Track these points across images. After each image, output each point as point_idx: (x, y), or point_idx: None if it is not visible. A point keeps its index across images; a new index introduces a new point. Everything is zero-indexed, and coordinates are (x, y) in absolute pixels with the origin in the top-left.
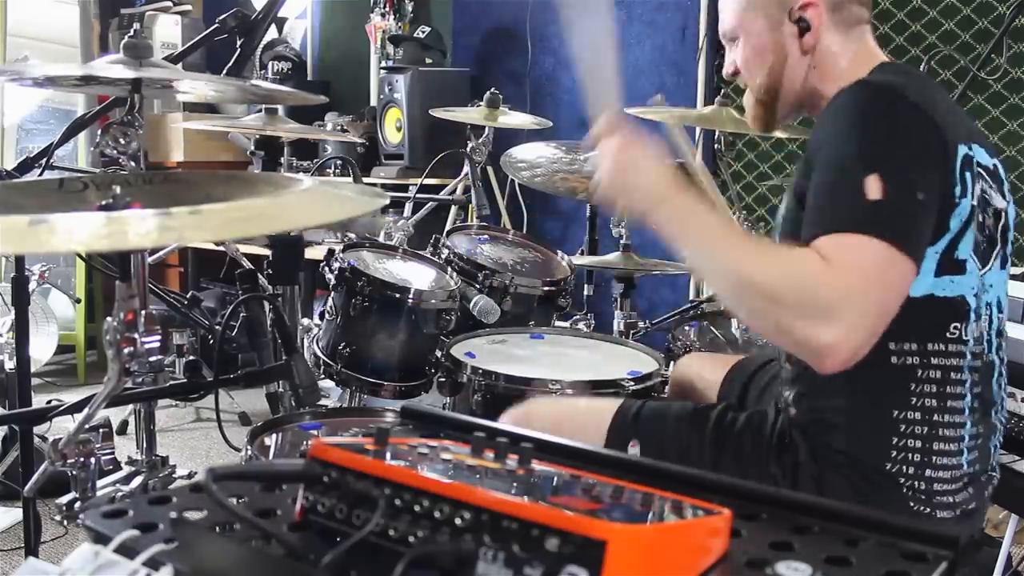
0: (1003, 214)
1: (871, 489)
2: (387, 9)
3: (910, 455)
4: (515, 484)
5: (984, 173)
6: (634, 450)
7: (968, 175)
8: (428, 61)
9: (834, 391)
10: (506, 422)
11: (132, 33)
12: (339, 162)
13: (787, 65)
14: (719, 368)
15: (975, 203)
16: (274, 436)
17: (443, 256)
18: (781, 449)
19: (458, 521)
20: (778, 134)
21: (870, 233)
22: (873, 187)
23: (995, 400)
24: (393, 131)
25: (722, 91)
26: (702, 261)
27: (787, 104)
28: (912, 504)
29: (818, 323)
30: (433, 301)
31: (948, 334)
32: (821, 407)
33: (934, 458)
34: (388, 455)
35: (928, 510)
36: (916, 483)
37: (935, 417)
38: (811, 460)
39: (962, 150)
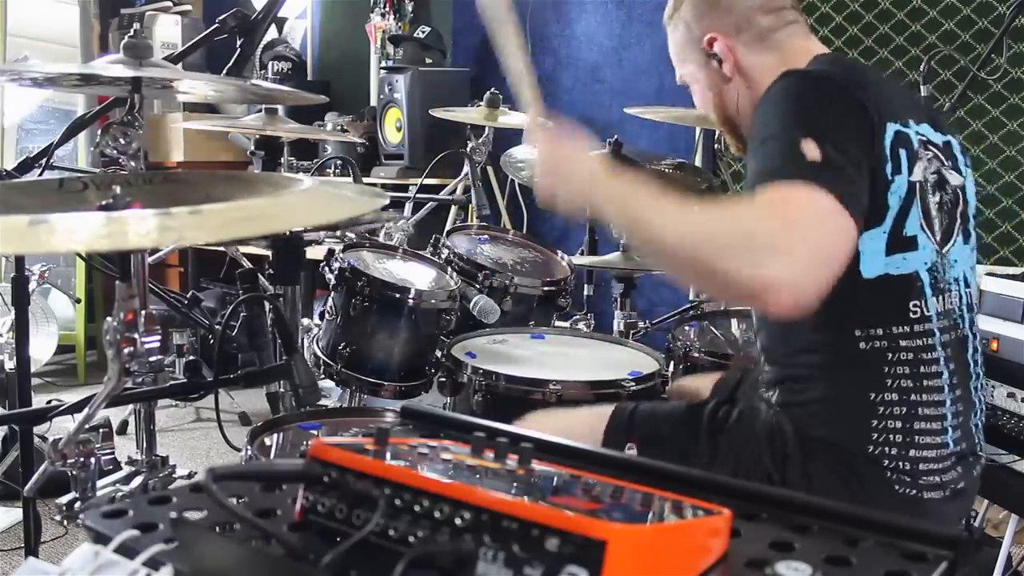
0: (960, 190)
1: (855, 476)
2: (387, 9)
3: (891, 436)
4: (515, 484)
5: (935, 150)
6: (631, 452)
7: (903, 152)
8: (428, 61)
9: (812, 382)
10: None
11: (132, 33)
12: (339, 162)
13: (725, 95)
14: (710, 379)
15: (916, 180)
16: (274, 436)
17: (443, 256)
18: (771, 440)
19: (458, 521)
20: None
21: (811, 182)
22: (810, 149)
23: (971, 375)
24: (393, 131)
25: None
26: (643, 233)
27: (747, 126)
28: (898, 487)
29: (761, 260)
30: (433, 301)
31: (911, 314)
32: (802, 400)
33: (917, 437)
34: (388, 455)
35: (915, 492)
36: (900, 463)
37: (913, 396)
38: (798, 450)
39: (892, 128)
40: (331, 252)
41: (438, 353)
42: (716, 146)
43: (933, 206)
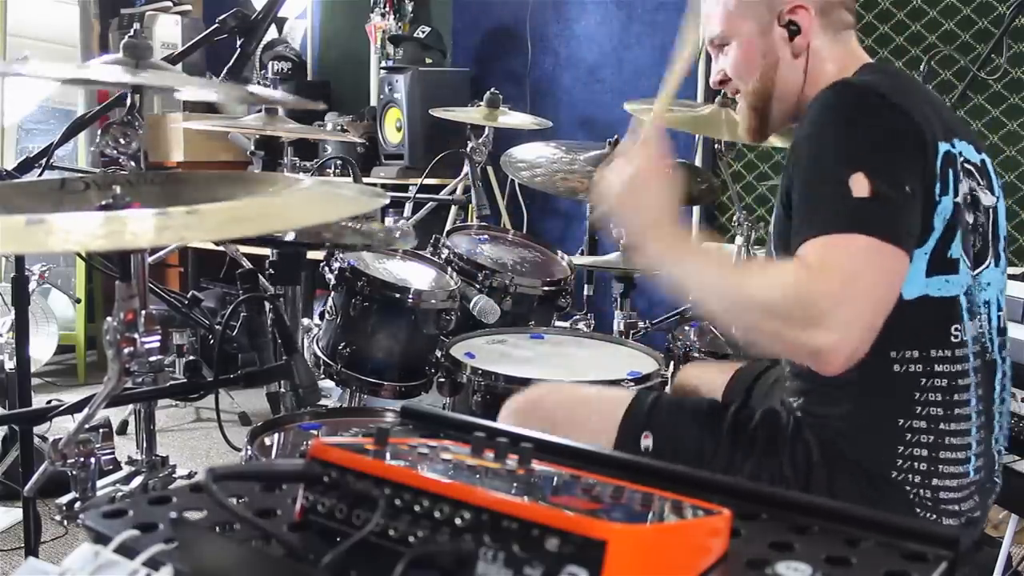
0: (992, 211)
1: (879, 495)
2: (387, 9)
3: (916, 464)
4: (515, 484)
5: (973, 170)
6: (647, 442)
7: (950, 172)
8: (428, 61)
9: (839, 399)
10: (514, 408)
11: (132, 33)
12: (339, 162)
13: (778, 69)
14: (722, 373)
15: (960, 201)
16: (274, 436)
17: (443, 256)
18: (795, 449)
19: (458, 521)
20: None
21: (855, 231)
22: (859, 185)
23: (995, 400)
24: (393, 131)
25: (722, 92)
26: (693, 284)
27: (781, 110)
28: (919, 511)
29: (811, 329)
30: (433, 301)
31: (951, 338)
32: (827, 414)
33: (941, 467)
34: (388, 455)
35: (934, 516)
36: (922, 491)
37: (942, 426)
38: (823, 462)
39: (943, 148)
40: (331, 252)
41: (438, 353)
42: (716, 146)
43: (969, 227)
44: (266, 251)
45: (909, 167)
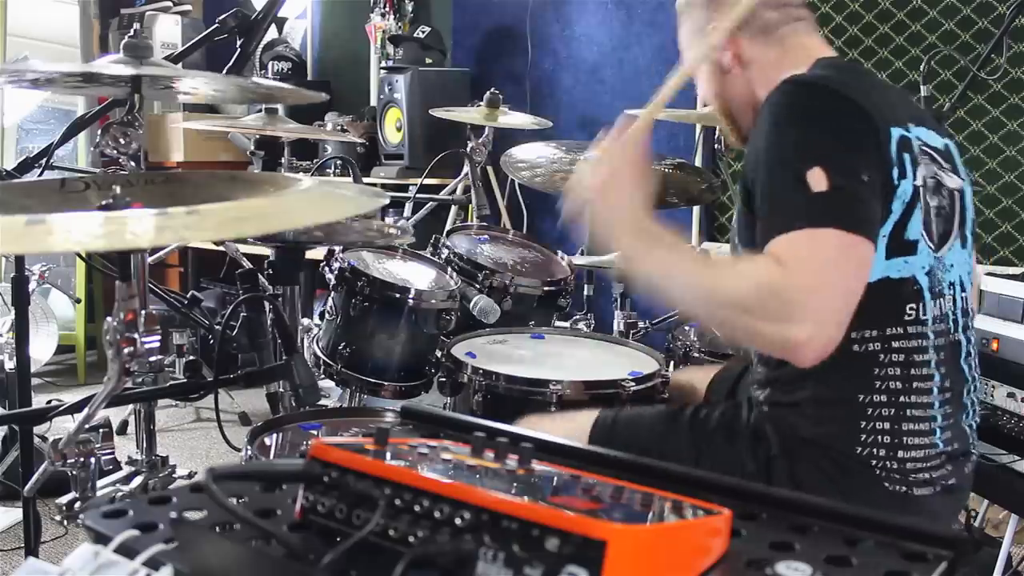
0: (958, 193)
1: (843, 475)
2: (387, 9)
3: (880, 437)
4: (515, 484)
5: (935, 155)
6: None
7: (907, 157)
8: (428, 61)
9: (802, 384)
10: None
11: (132, 33)
12: (339, 162)
13: (726, 85)
14: (709, 372)
15: (919, 184)
16: (274, 436)
17: (443, 256)
18: (755, 443)
19: (458, 521)
20: None
21: (820, 224)
22: (817, 179)
23: (966, 379)
24: (393, 131)
25: None
26: (666, 284)
27: (746, 119)
28: (887, 484)
29: (786, 324)
30: (433, 301)
31: (906, 316)
32: (791, 400)
33: (905, 438)
34: (388, 455)
35: (904, 489)
36: (889, 463)
37: (902, 398)
38: (782, 453)
39: (896, 132)
40: (331, 252)
41: (438, 353)
42: (716, 146)
43: (932, 210)
44: (266, 251)
45: (864, 156)
